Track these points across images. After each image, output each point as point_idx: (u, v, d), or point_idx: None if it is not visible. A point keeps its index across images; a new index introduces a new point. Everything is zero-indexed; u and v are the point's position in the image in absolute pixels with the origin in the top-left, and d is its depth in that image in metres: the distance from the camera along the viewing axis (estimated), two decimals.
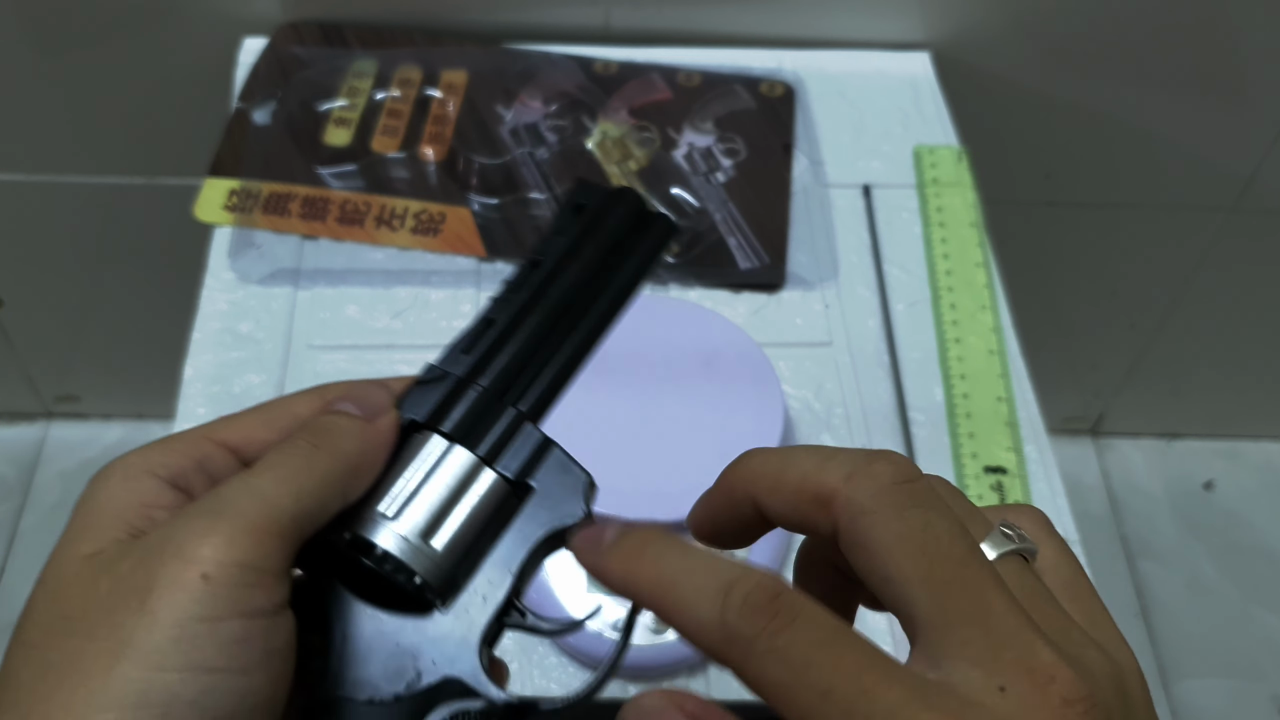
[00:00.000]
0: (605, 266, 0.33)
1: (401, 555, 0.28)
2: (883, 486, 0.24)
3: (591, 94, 0.82)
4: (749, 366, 0.61)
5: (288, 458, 0.27)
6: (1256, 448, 1.37)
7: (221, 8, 0.85)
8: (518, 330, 0.31)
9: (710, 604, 0.23)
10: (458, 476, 0.30)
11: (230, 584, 0.24)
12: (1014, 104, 0.93)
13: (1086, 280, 1.13)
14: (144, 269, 1.08)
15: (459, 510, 0.29)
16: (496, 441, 0.30)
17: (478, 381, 0.31)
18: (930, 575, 0.23)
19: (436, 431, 0.30)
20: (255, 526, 0.25)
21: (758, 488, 0.27)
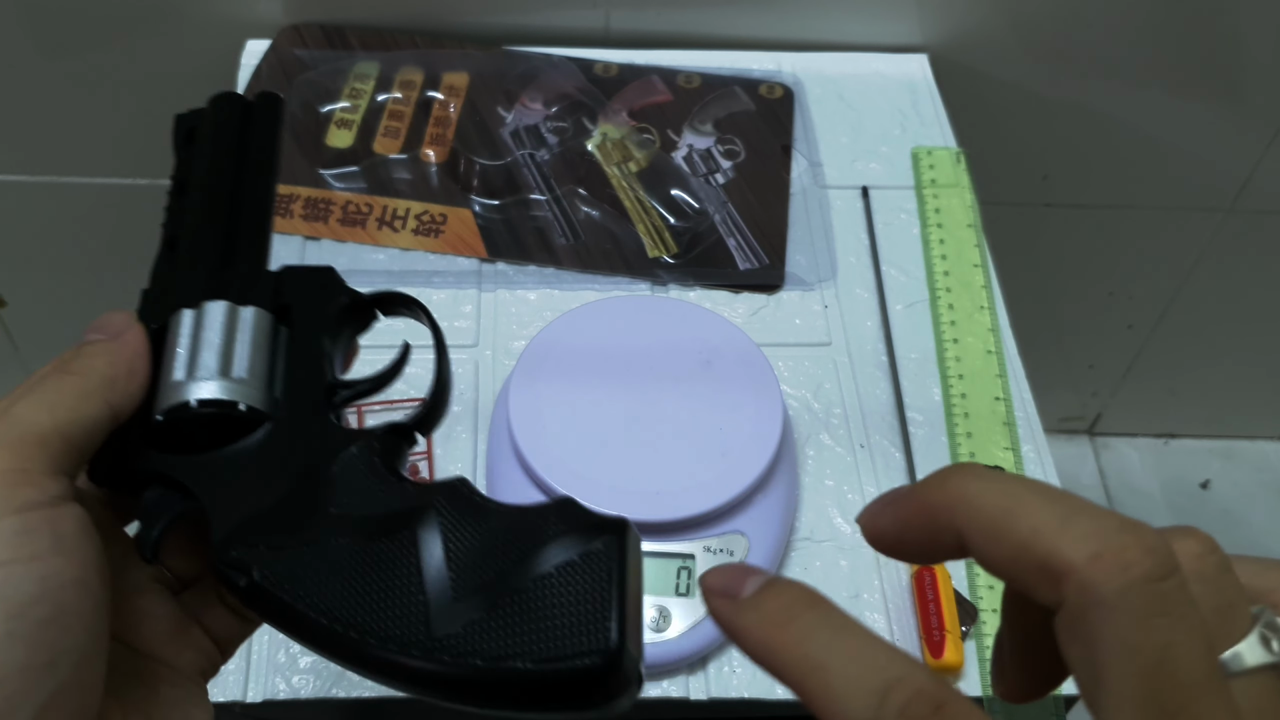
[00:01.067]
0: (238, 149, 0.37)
1: (214, 394, 0.30)
2: (1132, 581, 0.20)
3: (592, 96, 0.82)
4: (748, 367, 0.62)
5: (36, 382, 0.29)
6: (1253, 447, 1.37)
7: (224, 10, 0.85)
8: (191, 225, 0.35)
9: (864, 704, 0.21)
10: (219, 322, 0.32)
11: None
12: (1011, 106, 0.94)
13: (1084, 281, 1.13)
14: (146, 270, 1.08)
15: (239, 341, 0.32)
16: (225, 288, 0.33)
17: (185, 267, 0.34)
18: (1153, 699, 0.20)
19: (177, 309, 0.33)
20: (12, 439, 0.27)
21: (973, 525, 0.23)
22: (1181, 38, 0.89)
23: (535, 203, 0.76)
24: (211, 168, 0.36)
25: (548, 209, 0.76)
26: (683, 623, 0.56)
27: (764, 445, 0.58)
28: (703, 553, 0.56)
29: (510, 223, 0.75)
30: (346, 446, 0.30)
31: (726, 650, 0.58)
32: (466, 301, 0.71)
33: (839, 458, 0.65)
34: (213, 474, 0.30)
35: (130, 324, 0.32)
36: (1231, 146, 0.98)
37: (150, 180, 0.99)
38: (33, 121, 0.95)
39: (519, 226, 0.75)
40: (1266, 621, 0.22)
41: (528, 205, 0.76)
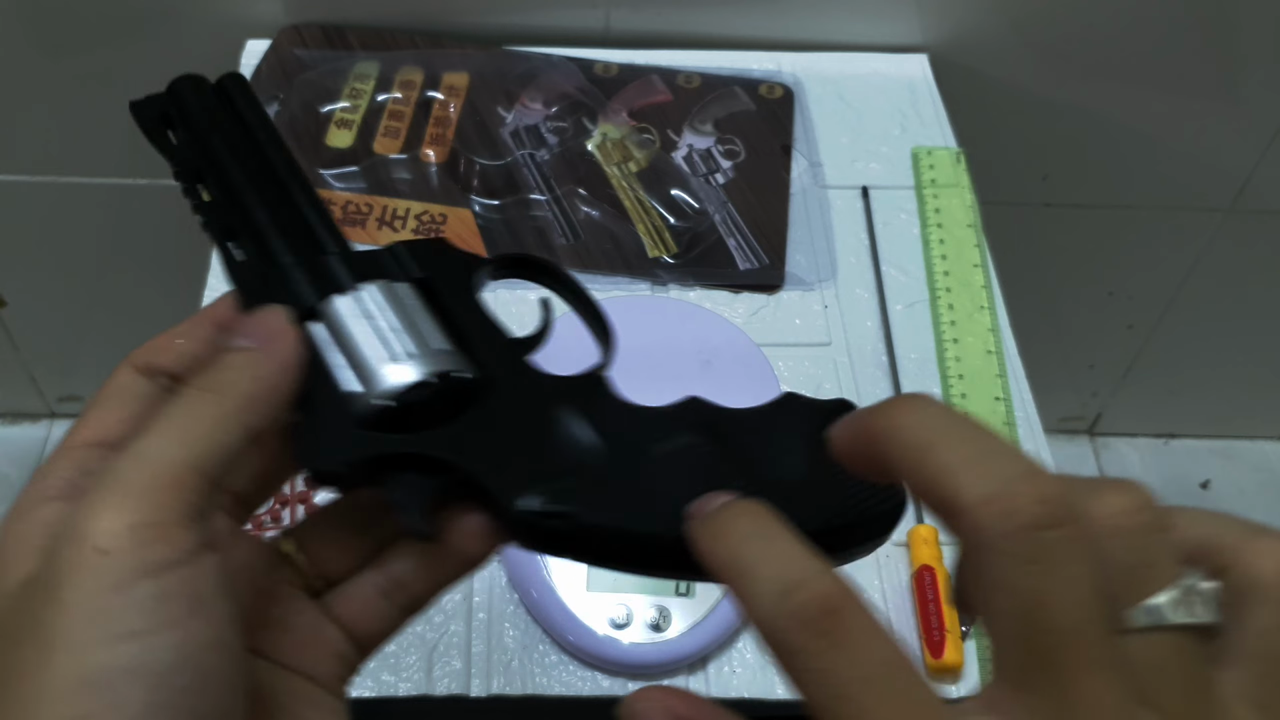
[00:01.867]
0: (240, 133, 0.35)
1: (445, 368, 0.30)
2: (1016, 528, 0.21)
3: (592, 96, 0.82)
4: (748, 366, 0.62)
5: (171, 408, 0.27)
6: (1253, 447, 1.37)
7: (224, 10, 0.85)
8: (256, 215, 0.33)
9: (770, 602, 0.22)
10: (388, 301, 0.31)
11: (129, 549, 0.24)
12: (1011, 106, 0.94)
13: (1083, 281, 1.13)
14: (147, 270, 1.08)
15: (419, 319, 0.31)
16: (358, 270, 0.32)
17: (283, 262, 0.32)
18: (1023, 640, 0.21)
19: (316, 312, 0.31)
20: (142, 487, 0.25)
21: (895, 455, 0.24)
22: (1181, 38, 0.89)
23: (535, 203, 0.76)
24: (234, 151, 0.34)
25: (548, 209, 0.76)
26: (683, 623, 0.56)
27: None
28: None
29: (510, 223, 0.75)
30: (568, 388, 0.31)
31: (727, 650, 0.58)
32: None
33: None
34: (468, 442, 0.29)
35: (286, 326, 0.29)
36: (1231, 146, 0.98)
37: (150, 180, 0.99)
38: (33, 121, 0.95)
39: (519, 226, 0.75)
40: (1187, 585, 0.23)
41: (528, 205, 0.76)
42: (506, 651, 0.57)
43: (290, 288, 0.31)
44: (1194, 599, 0.23)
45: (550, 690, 0.56)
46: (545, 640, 0.58)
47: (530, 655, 0.57)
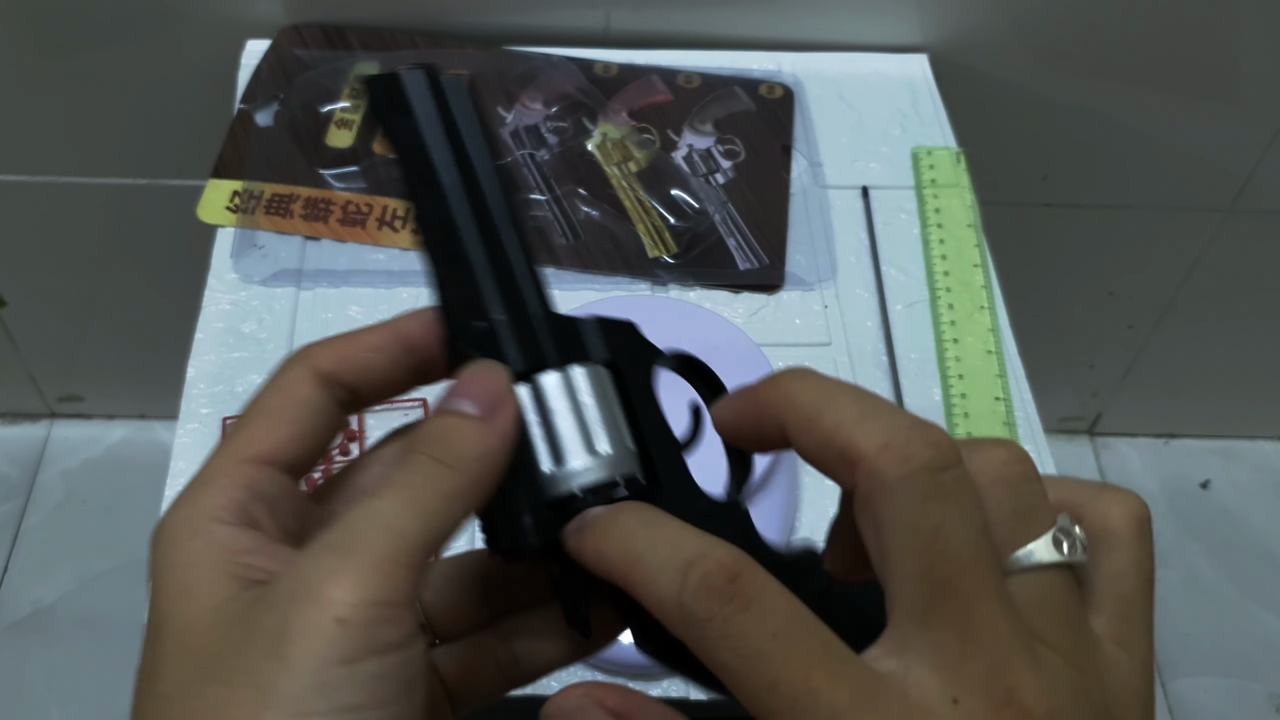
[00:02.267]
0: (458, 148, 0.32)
1: (617, 477, 0.29)
2: (912, 470, 0.23)
3: (592, 96, 0.82)
4: (748, 367, 0.62)
5: (411, 475, 0.26)
6: (1253, 447, 1.37)
7: (224, 10, 0.85)
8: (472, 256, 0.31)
9: (670, 581, 0.23)
10: (590, 389, 0.30)
11: (364, 624, 0.23)
12: (1011, 106, 0.94)
13: (1084, 281, 1.13)
14: (147, 270, 1.08)
15: (617, 412, 0.30)
16: (564, 348, 0.30)
17: (494, 316, 0.30)
18: (925, 574, 0.23)
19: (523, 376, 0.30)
20: (385, 560, 0.24)
21: (790, 418, 0.25)
22: (1182, 38, 0.89)
23: (535, 203, 0.76)
24: (463, 171, 0.32)
25: (548, 209, 0.76)
26: None
27: None
28: None
29: None
30: (721, 514, 0.29)
31: None
32: None
33: None
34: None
35: (505, 397, 0.28)
36: (1231, 146, 0.98)
37: (150, 180, 0.99)
38: (33, 121, 0.95)
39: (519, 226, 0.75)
40: (1061, 526, 0.25)
41: (528, 205, 0.76)
42: None
43: (501, 347, 0.30)
44: (1068, 541, 0.25)
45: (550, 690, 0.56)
46: None
47: None
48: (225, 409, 0.66)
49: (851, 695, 0.21)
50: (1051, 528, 0.25)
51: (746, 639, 0.22)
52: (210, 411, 0.66)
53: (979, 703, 0.22)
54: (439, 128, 0.32)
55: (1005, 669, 0.22)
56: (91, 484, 1.29)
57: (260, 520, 0.27)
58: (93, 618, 1.18)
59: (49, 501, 1.28)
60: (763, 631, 0.22)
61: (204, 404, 0.66)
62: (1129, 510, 0.26)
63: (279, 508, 0.28)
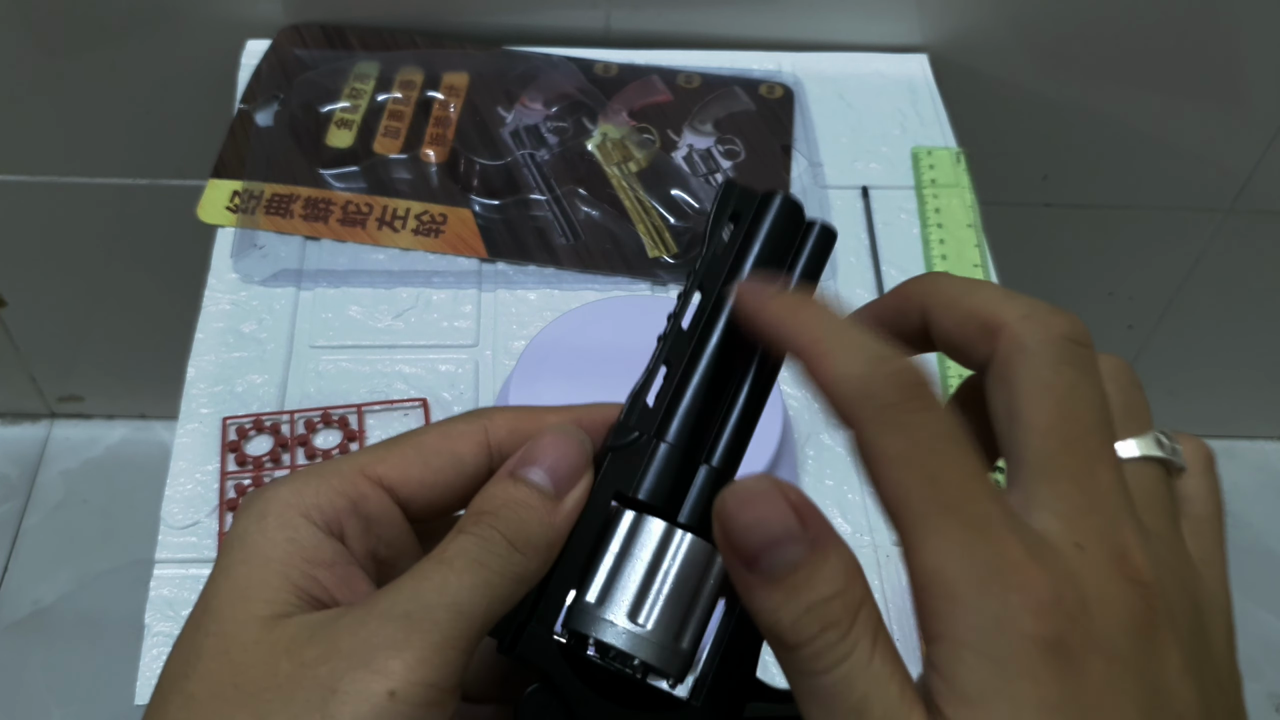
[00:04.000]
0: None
1: (661, 665, 0.27)
2: (1052, 336, 0.24)
3: (592, 96, 0.82)
4: None
5: (484, 554, 0.25)
6: (1253, 447, 1.37)
7: (224, 10, 0.85)
8: (694, 373, 0.29)
9: (860, 363, 0.23)
10: (687, 564, 0.27)
11: (415, 703, 0.23)
12: (1011, 106, 0.94)
13: (1084, 281, 1.13)
14: (147, 270, 1.08)
15: (699, 603, 0.27)
16: (706, 511, 0.27)
17: (667, 438, 0.28)
18: (1054, 429, 0.23)
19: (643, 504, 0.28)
20: (447, 641, 0.24)
21: (934, 300, 0.26)
22: (1182, 38, 0.89)
23: (535, 203, 0.76)
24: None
25: (548, 209, 0.76)
26: None
27: (764, 445, 0.58)
28: None
29: (510, 223, 0.75)
30: None
31: None
32: (466, 301, 0.71)
33: (839, 458, 0.65)
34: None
35: (582, 474, 0.27)
36: (1231, 146, 0.98)
37: (150, 180, 0.99)
38: (33, 121, 0.95)
39: (519, 226, 0.75)
40: (1162, 430, 0.26)
41: (528, 205, 0.76)
42: None
43: (647, 469, 0.28)
44: (1169, 443, 0.26)
45: None
46: None
47: None
48: (225, 409, 0.66)
49: (1000, 511, 0.22)
50: (1152, 430, 0.26)
51: (924, 431, 0.23)
52: (210, 411, 0.66)
53: (1101, 554, 0.22)
54: (769, 252, 0.30)
55: (1120, 529, 0.23)
56: (91, 484, 1.29)
57: (350, 535, 0.27)
58: (93, 618, 1.18)
59: (49, 501, 1.28)
60: (939, 431, 0.23)
61: (204, 404, 0.66)
62: (1199, 448, 0.27)
63: (377, 531, 0.27)
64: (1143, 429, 0.26)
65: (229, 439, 0.64)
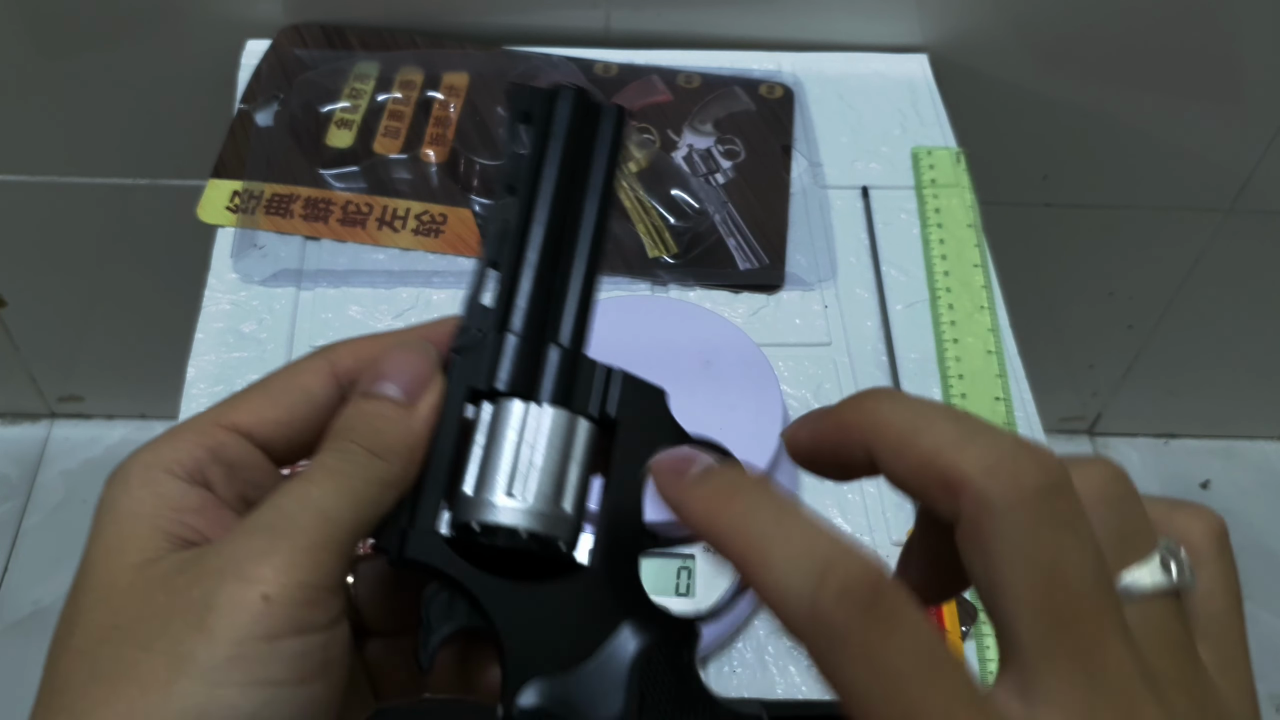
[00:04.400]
0: (576, 172, 0.32)
1: (546, 532, 0.28)
2: (1024, 494, 0.21)
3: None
4: (748, 367, 0.62)
5: (344, 463, 0.26)
6: (1253, 447, 1.37)
7: (224, 10, 0.85)
8: (524, 266, 0.30)
9: (803, 580, 0.21)
10: (558, 437, 0.29)
11: (290, 603, 0.24)
12: (1011, 106, 0.94)
13: (1084, 281, 1.13)
14: (147, 270, 1.08)
15: (572, 469, 0.29)
16: (560, 385, 0.29)
17: (510, 329, 0.30)
18: (1046, 606, 0.21)
19: (500, 394, 0.29)
20: (315, 545, 0.25)
21: (880, 441, 0.23)
22: (1181, 38, 0.89)
23: None
24: (555, 192, 0.31)
25: None
26: None
27: (764, 445, 0.58)
28: (703, 553, 0.56)
29: None
30: (650, 620, 0.28)
31: (727, 650, 0.58)
32: None
33: None
34: (518, 609, 0.27)
35: (431, 380, 0.28)
36: (1231, 146, 0.98)
37: (150, 180, 0.99)
38: (33, 121, 0.95)
39: None
40: (1167, 547, 0.23)
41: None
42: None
43: (494, 359, 0.29)
44: (1175, 564, 0.23)
45: None
46: None
47: None
48: None
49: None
50: (1156, 549, 0.23)
51: (888, 660, 0.20)
52: None
53: None
54: (563, 144, 0.31)
55: (1137, 713, 0.20)
56: (91, 484, 1.29)
57: (215, 482, 0.27)
58: None
59: (49, 501, 1.28)
60: (905, 655, 0.20)
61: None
62: (1208, 526, 0.25)
63: (241, 475, 0.27)
64: (1147, 549, 0.23)
65: None
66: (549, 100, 0.32)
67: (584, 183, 0.32)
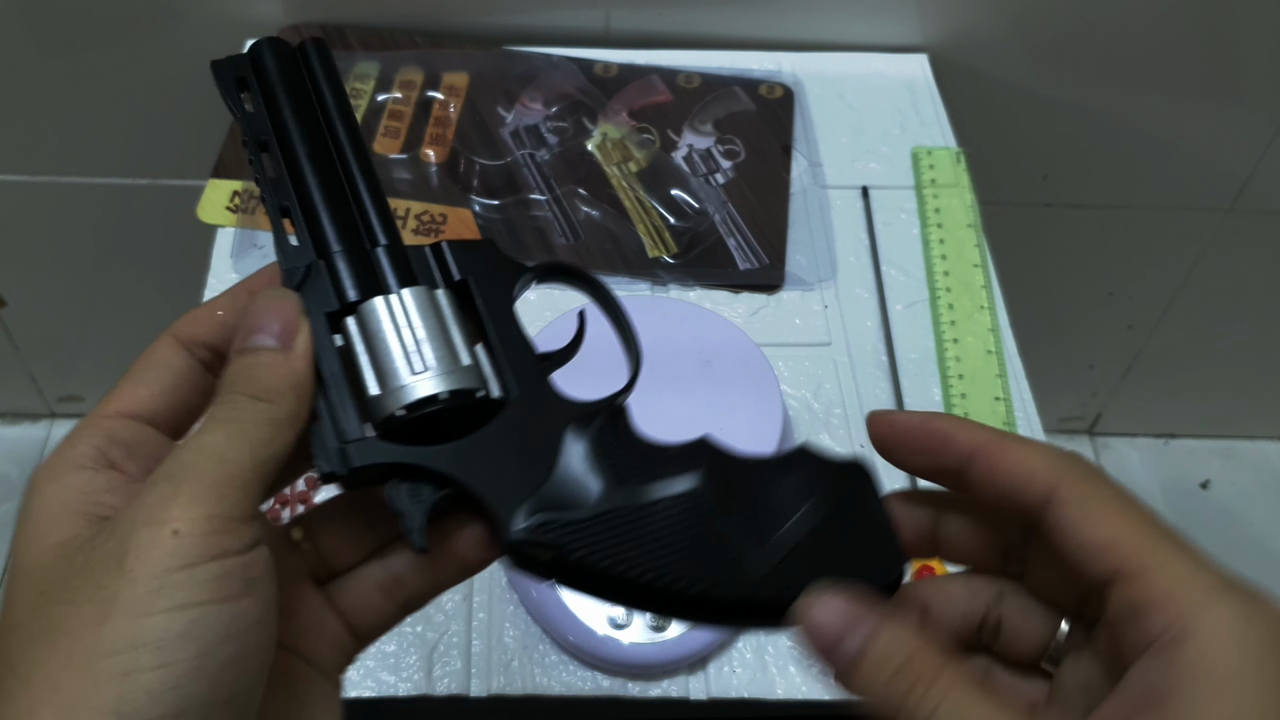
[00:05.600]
0: (307, 103, 0.34)
1: (461, 385, 0.30)
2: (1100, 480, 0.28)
3: (592, 96, 0.82)
4: (748, 367, 0.62)
5: (232, 412, 0.28)
6: (1253, 447, 1.37)
7: (224, 10, 0.85)
8: (312, 195, 0.32)
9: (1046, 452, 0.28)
10: (424, 309, 0.31)
11: (200, 534, 0.26)
12: (1011, 106, 0.94)
13: (1083, 281, 1.13)
14: (147, 270, 1.08)
15: (451, 329, 0.31)
16: (401, 271, 0.32)
17: (331, 251, 0.32)
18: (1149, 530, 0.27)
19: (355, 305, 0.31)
20: (217, 482, 0.27)
21: (977, 457, 0.29)
22: (1181, 38, 0.89)
23: (535, 203, 0.76)
24: (302, 125, 0.33)
25: (548, 209, 0.76)
26: (683, 623, 0.56)
27: (764, 445, 0.58)
28: None
29: (510, 223, 0.75)
30: (582, 416, 0.31)
31: (726, 650, 0.58)
32: None
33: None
34: (474, 460, 0.30)
35: (298, 321, 0.30)
36: (1231, 146, 0.98)
37: (150, 180, 0.99)
38: (33, 121, 0.95)
39: (519, 226, 0.75)
40: None
41: (528, 205, 0.76)
42: (506, 651, 0.57)
43: (334, 280, 0.31)
44: None
45: (550, 690, 0.56)
46: (545, 640, 0.58)
47: (530, 655, 0.57)
48: None
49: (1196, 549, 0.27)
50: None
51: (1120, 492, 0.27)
52: None
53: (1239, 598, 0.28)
54: (285, 87, 0.34)
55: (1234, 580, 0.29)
56: None
57: (120, 463, 0.29)
58: None
59: None
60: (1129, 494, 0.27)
61: None
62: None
63: (141, 453, 0.30)
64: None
65: None
66: (254, 59, 0.34)
67: (322, 108, 0.34)
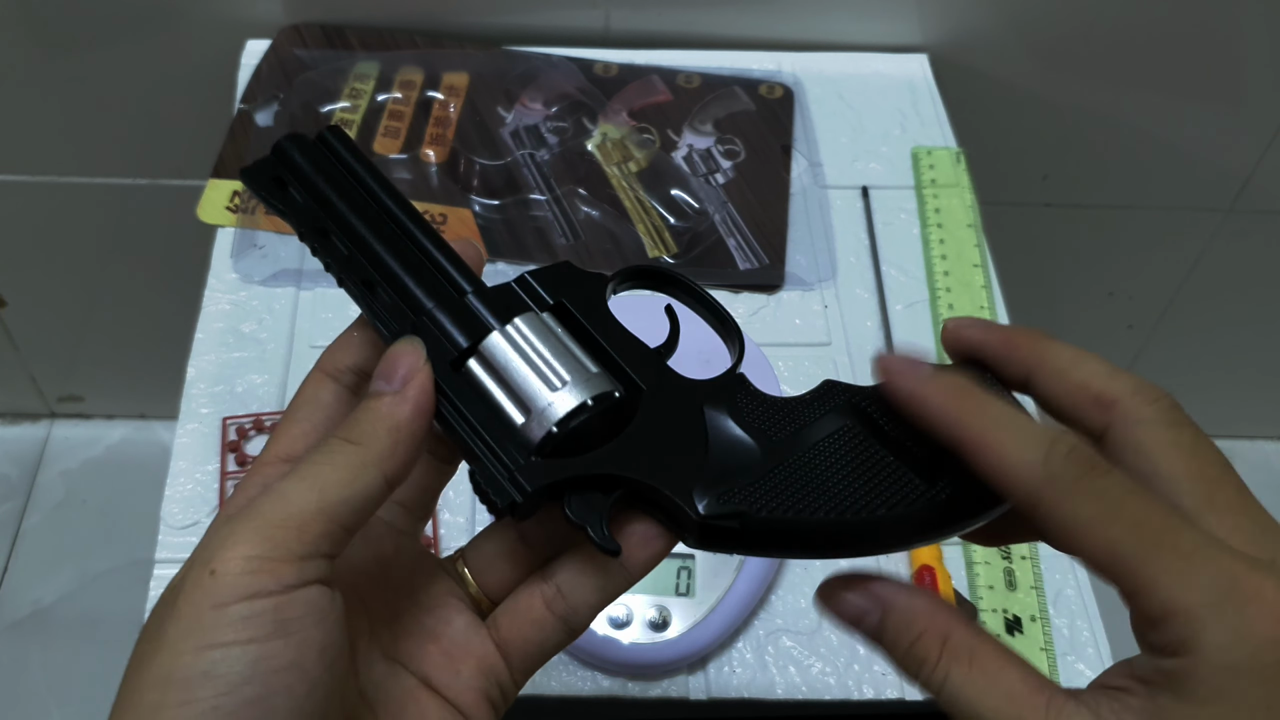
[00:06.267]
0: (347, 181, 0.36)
1: (601, 390, 0.32)
2: (1163, 406, 0.29)
3: (592, 96, 0.82)
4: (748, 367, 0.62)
5: (320, 454, 0.30)
6: (1253, 447, 1.37)
7: (224, 10, 0.85)
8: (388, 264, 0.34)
9: (1035, 449, 0.27)
10: (539, 333, 0.33)
11: (233, 574, 0.27)
12: (1011, 106, 0.94)
13: (1084, 281, 1.13)
14: (147, 270, 1.08)
15: (569, 344, 0.33)
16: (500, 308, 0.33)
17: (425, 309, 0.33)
18: (1201, 473, 0.28)
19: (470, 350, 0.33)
20: (268, 523, 0.28)
21: (1043, 368, 0.31)
22: (1181, 38, 0.89)
23: (535, 203, 0.76)
24: (352, 204, 0.35)
25: (548, 209, 0.76)
26: (683, 623, 0.56)
27: None
28: (702, 554, 0.56)
29: (510, 223, 0.75)
30: (713, 391, 0.33)
31: (726, 650, 0.58)
32: None
33: None
34: (635, 456, 0.31)
35: (418, 367, 0.31)
36: (1231, 146, 0.98)
37: (150, 180, 0.99)
38: (33, 121, 0.95)
39: (519, 226, 0.75)
40: None
41: (528, 205, 0.76)
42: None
43: (442, 332, 0.33)
44: None
45: (550, 690, 0.56)
46: None
47: None
48: (225, 409, 0.66)
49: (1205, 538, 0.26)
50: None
51: (1113, 491, 0.26)
52: (210, 411, 0.66)
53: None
54: (324, 174, 0.35)
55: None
56: (91, 484, 1.29)
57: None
58: (92, 618, 1.18)
59: (49, 501, 1.28)
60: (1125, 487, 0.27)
61: (204, 404, 0.66)
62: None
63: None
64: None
65: (229, 439, 0.64)
66: (284, 155, 0.36)
67: (362, 185, 0.36)
